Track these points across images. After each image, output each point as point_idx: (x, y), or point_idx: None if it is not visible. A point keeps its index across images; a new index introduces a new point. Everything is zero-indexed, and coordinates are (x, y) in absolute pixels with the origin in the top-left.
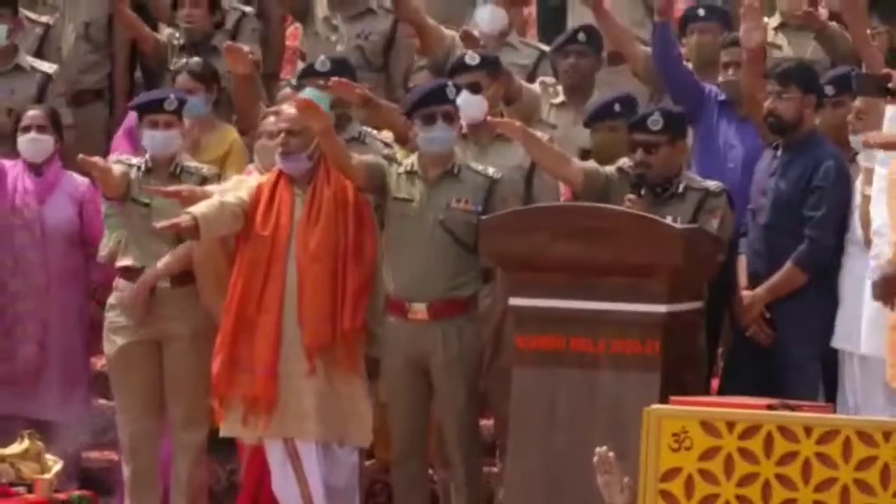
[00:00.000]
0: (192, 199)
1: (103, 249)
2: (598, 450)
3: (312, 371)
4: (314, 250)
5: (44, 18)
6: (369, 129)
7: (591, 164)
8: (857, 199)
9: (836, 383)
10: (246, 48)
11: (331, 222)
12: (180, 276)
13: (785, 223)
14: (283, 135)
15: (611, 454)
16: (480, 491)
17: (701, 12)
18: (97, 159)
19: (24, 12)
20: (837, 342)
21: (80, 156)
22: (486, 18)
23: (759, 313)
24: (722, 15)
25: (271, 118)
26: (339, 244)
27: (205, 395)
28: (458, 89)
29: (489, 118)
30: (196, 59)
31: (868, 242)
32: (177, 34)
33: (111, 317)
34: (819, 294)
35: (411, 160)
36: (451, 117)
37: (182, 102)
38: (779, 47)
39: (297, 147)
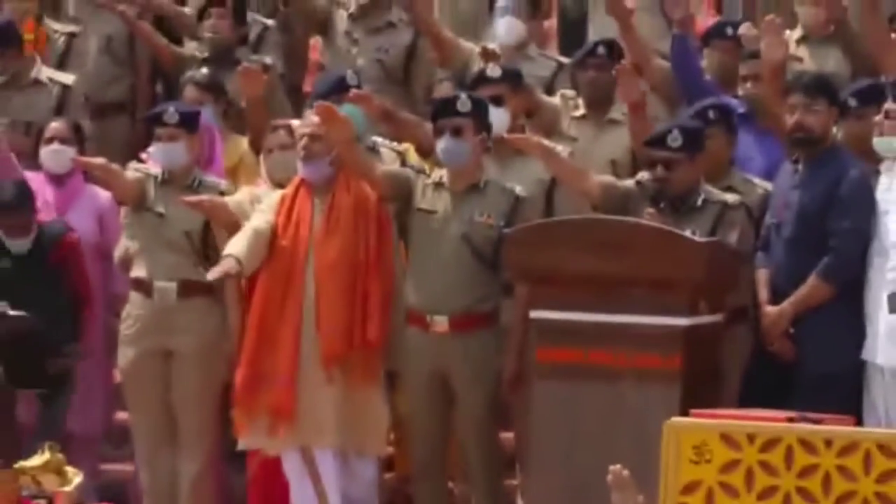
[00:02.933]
0: (214, 210)
1: (118, 251)
2: (611, 468)
3: (329, 379)
4: (332, 260)
5: (69, 28)
6: (381, 139)
7: (609, 178)
8: (881, 207)
9: (860, 397)
10: (265, 62)
11: (350, 232)
12: (188, 289)
13: (809, 237)
14: (304, 139)
15: (625, 472)
16: None
17: (728, 31)
18: (99, 160)
19: (48, 22)
20: (866, 354)
21: (75, 156)
22: (504, 30)
23: (783, 330)
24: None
25: (282, 132)
26: (358, 254)
27: (213, 409)
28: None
29: (506, 135)
30: (203, 70)
31: None
32: (200, 47)
33: (123, 329)
34: (844, 307)
35: (441, 172)
36: (461, 130)
37: (186, 115)
38: (800, 60)
39: (319, 152)
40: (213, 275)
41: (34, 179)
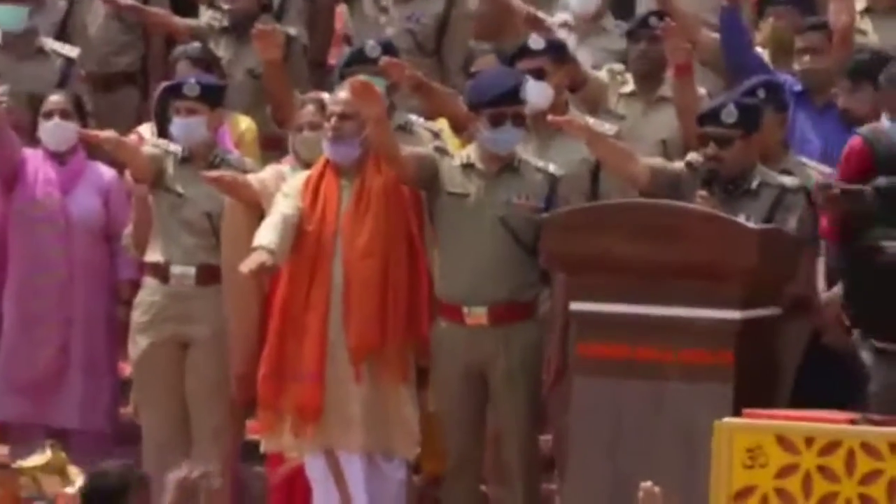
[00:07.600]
0: (235, 187)
1: (125, 239)
2: (642, 484)
3: (358, 377)
4: (363, 245)
5: None
6: (416, 118)
7: (658, 160)
8: None
9: None
10: (288, 32)
11: (381, 215)
12: (206, 275)
13: None
14: (334, 119)
15: (657, 488)
16: None
17: None
18: (109, 133)
19: None
20: None
21: (78, 129)
22: (578, 0)
23: (836, 315)
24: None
25: (311, 108)
26: (390, 239)
27: (230, 404)
28: (521, 76)
29: (550, 117)
30: (195, 44)
31: None
32: (217, 16)
33: (136, 316)
34: None
35: (467, 152)
36: (521, 118)
37: (208, 88)
38: (864, 32)
39: (349, 132)
40: (245, 267)
41: (33, 157)
